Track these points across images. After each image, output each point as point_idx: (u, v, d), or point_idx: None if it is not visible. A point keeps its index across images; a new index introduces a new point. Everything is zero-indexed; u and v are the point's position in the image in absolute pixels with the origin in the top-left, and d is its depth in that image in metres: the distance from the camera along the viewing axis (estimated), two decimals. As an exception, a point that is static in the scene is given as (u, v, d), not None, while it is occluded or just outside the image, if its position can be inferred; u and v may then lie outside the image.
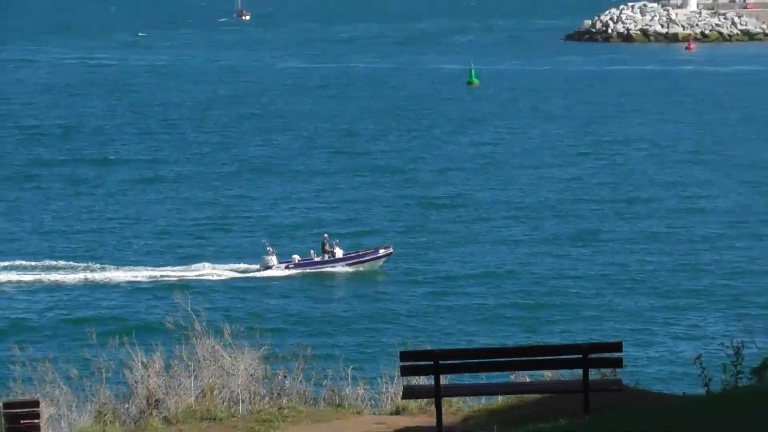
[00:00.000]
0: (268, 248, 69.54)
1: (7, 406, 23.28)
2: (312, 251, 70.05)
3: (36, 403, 23.87)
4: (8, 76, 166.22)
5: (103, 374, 28.46)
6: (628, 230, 77.46)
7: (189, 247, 75.23)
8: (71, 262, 70.60)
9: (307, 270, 68.76)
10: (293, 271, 68.61)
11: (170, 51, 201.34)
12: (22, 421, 23.11)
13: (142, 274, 68.30)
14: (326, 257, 69.36)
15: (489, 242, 75.08)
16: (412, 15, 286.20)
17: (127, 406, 27.18)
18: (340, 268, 69.07)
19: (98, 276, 68.61)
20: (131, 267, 70.10)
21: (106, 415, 26.71)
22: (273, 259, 68.51)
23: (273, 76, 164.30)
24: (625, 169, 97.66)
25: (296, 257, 69.45)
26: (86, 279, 68.22)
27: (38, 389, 26.96)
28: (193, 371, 27.36)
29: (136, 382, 27.49)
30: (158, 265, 70.24)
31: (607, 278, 67.18)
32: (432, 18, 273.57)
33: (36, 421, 23.37)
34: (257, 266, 69.09)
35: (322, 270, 68.85)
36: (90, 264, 70.46)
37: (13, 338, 48.26)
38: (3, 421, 22.74)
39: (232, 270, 69.45)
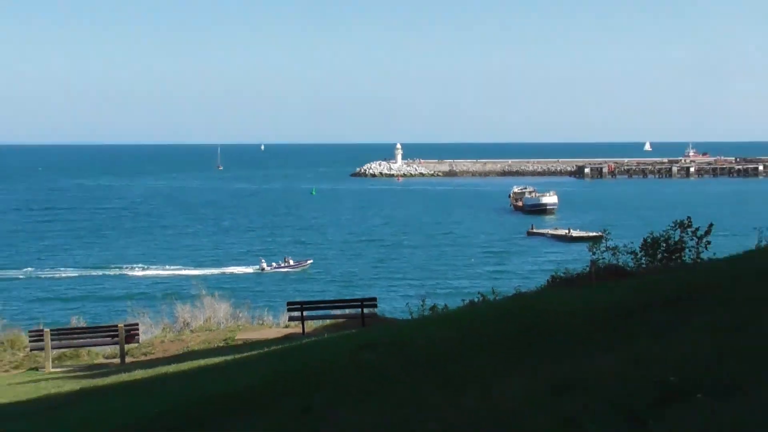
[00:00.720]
0: (261, 260, 67.74)
1: (126, 326, 22.92)
2: (281, 261, 67.59)
3: (137, 325, 23.50)
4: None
5: (164, 312, 28.07)
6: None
7: (210, 262, 72.15)
8: (145, 266, 68.64)
9: (277, 271, 66.08)
10: (273, 272, 65.84)
11: (184, 181, 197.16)
12: (131, 332, 22.71)
13: (186, 273, 65.20)
14: (286, 265, 66.89)
15: (338, 258, 73.20)
16: (283, 166, 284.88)
17: (174, 324, 26.86)
18: (292, 270, 66.27)
19: (162, 272, 66.57)
20: (179, 268, 67.73)
21: (166, 329, 26.38)
22: (264, 265, 66.45)
23: (229, 192, 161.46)
24: (381, 230, 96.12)
25: (273, 263, 67.01)
26: (158, 273, 66.12)
27: (138, 318, 26.50)
28: (202, 309, 27.11)
29: (177, 315, 27.17)
30: (197, 268, 67.53)
31: (378, 270, 66.61)
32: (294, 168, 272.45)
33: (137, 331, 22.99)
34: (257, 267, 66.65)
35: (285, 271, 65.93)
36: (163, 267, 68.33)
37: (126, 299, 46.99)
38: (123, 332, 22.34)
39: (247, 270, 66.75)
